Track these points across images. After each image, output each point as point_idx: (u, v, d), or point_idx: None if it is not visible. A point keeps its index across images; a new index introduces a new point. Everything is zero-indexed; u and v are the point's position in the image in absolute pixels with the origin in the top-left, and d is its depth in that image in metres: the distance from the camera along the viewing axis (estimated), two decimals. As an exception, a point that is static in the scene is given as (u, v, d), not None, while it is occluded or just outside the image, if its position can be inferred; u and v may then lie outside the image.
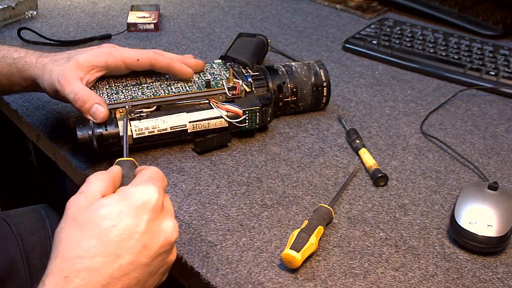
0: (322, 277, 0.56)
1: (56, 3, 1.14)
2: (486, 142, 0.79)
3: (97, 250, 0.46)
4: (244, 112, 0.72)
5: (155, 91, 0.71)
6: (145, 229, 0.48)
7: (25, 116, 0.79)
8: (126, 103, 0.68)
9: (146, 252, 0.48)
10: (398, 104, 0.86)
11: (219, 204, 0.65)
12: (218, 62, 0.79)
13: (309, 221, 0.60)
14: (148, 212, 0.48)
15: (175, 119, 0.70)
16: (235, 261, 0.58)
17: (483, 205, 0.61)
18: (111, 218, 0.47)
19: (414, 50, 0.98)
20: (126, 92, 0.71)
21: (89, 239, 0.46)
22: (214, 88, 0.73)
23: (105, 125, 0.66)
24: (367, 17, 1.16)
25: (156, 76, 0.74)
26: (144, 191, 0.49)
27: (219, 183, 0.68)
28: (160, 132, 0.69)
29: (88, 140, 0.66)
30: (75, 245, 0.46)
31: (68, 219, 0.48)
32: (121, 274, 0.46)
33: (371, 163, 0.71)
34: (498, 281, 0.57)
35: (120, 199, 0.48)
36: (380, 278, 0.57)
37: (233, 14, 1.14)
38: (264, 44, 0.91)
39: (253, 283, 0.55)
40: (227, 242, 0.60)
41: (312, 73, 0.80)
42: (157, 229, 0.49)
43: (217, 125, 0.72)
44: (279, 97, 0.78)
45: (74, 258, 0.46)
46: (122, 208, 0.48)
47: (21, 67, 0.70)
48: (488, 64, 0.94)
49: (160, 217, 0.49)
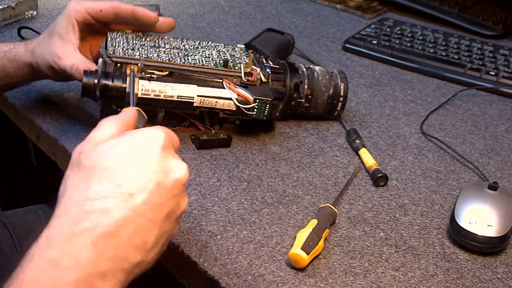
0: (323, 274, 0.56)
1: (56, 3, 1.14)
2: (486, 142, 0.79)
3: (108, 192, 0.43)
4: (255, 100, 0.70)
5: (171, 57, 0.70)
6: (157, 168, 0.45)
7: (25, 116, 0.79)
8: (139, 61, 0.68)
9: (160, 191, 0.45)
10: (398, 104, 0.86)
11: (220, 197, 0.65)
12: (240, 47, 0.78)
13: (318, 221, 0.59)
14: (158, 152, 0.46)
15: (184, 88, 0.68)
16: (235, 252, 0.57)
17: (483, 205, 0.61)
18: (121, 159, 0.45)
19: (414, 50, 0.99)
20: (142, 51, 0.70)
21: (99, 182, 0.44)
22: (230, 69, 0.71)
23: (113, 78, 0.65)
24: (367, 17, 1.16)
25: (175, 44, 0.74)
26: (152, 132, 0.47)
27: (220, 177, 0.68)
28: (166, 98, 0.68)
29: (92, 88, 0.65)
30: (83, 189, 0.44)
31: (73, 166, 0.46)
32: (134, 215, 0.44)
33: (371, 163, 0.71)
34: (498, 281, 0.57)
35: (128, 140, 0.46)
36: (380, 277, 0.57)
37: (233, 14, 1.14)
38: (290, 43, 0.90)
39: (253, 274, 0.55)
40: (228, 233, 0.60)
41: (332, 84, 0.78)
42: (169, 168, 0.46)
43: (224, 106, 0.70)
44: (293, 96, 0.76)
45: (83, 201, 0.43)
46: (132, 149, 0.46)
47: (12, 58, 0.72)
48: (488, 64, 0.94)
49: (171, 157, 0.47)
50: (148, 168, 0.45)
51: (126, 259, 0.44)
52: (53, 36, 0.69)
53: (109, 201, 0.43)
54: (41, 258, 0.42)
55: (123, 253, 0.43)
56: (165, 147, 0.47)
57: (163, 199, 0.46)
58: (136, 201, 0.44)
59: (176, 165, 0.47)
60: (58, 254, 0.41)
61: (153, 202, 0.45)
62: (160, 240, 0.46)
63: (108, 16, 0.71)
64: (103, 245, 0.42)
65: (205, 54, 0.73)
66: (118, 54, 0.68)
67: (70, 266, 0.41)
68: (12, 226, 0.82)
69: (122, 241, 0.43)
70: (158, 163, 0.46)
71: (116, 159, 0.45)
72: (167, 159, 0.47)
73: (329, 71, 0.79)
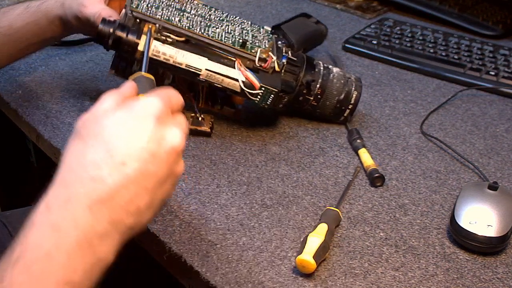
0: (322, 276, 0.56)
1: (56, 3, 1.14)
2: (486, 142, 0.79)
3: (102, 160, 0.45)
4: (261, 88, 0.70)
5: (192, 24, 0.70)
6: (151, 137, 0.46)
7: (25, 116, 0.79)
8: (159, 21, 0.68)
9: (153, 160, 0.46)
10: (398, 104, 0.86)
11: (219, 204, 0.65)
12: (266, 29, 0.77)
13: (328, 228, 0.59)
14: (152, 121, 0.47)
15: (194, 59, 0.68)
16: (235, 260, 0.57)
17: (483, 205, 0.61)
18: (116, 129, 0.46)
19: (414, 50, 0.98)
20: (165, 12, 0.70)
21: (94, 151, 0.45)
22: (247, 51, 0.70)
23: (128, 31, 0.66)
24: (367, 17, 1.16)
25: (202, 11, 0.74)
26: (147, 101, 0.48)
27: (219, 182, 0.68)
28: (174, 63, 0.68)
29: (106, 36, 0.66)
30: (80, 158, 0.46)
31: (74, 136, 0.48)
32: (128, 182, 0.45)
33: (369, 163, 0.71)
34: (498, 281, 0.57)
35: (123, 111, 0.48)
36: (380, 278, 0.57)
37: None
38: (322, 33, 0.89)
39: (253, 282, 0.55)
40: (227, 241, 0.60)
41: (345, 90, 0.77)
42: (162, 137, 0.47)
43: (230, 85, 0.70)
44: (303, 92, 0.75)
45: (78, 168, 0.45)
46: (126, 118, 0.47)
47: (44, 10, 0.75)
48: (488, 64, 0.94)
49: (166, 126, 0.48)
50: (141, 137, 0.46)
51: (122, 222, 0.45)
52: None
53: (103, 169, 0.45)
54: (42, 223, 0.43)
55: (118, 217, 0.45)
56: (159, 116, 0.48)
57: (157, 167, 0.47)
58: (129, 170, 0.45)
59: (171, 133, 0.48)
60: (58, 219, 0.43)
61: (146, 170, 0.46)
62: (154, 205, 0.48)
63: None
64: (98, 209, 0.44)
65: (227, 29, 0.72)
66: (141, 9, 0.68)
67: (70, 229, 0.43)
68: (12, 226, 0.82)
69: (117, 206, 0.45)
70: (151, 132, 0.47)
71: (111, 129, 0.46)
72: (161, 128, 0.47)
73: (347, 76, 0.79)
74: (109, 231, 0.45)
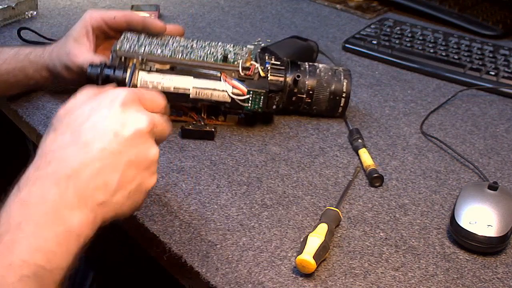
0: (322, 277, 0.56)
1: (56, 3, 1.14)
2: (486, 142, 0.79)
3: (68, 142, 0.49)
4: (249, 92, 0.73)
5: (173, 53, 0.74)
6: (114, 120, 0.50)
7: (25, 116, 0.79)
8: (142, 55, 0.72)
9: (116, 139, 0.49)
10: (398, 104, 0.86)
11: (219, 204, 0.65)
12: (250, 48, 0.79)
13: (328, 228, 0.59)
14: (117, 106, 0.50)
15: (180, 80, 0.72)
16: (235, 261, 0.58)
17: (483, 205, 0.61)
18: (83, 115, 0.50)
19: (414, 50, 0.98)
20: (147, 47, 0.74)
21: (63, 137, 0.49)
22: (229, 64, 0.74)
23: (114, 69, 0.71)
24: (367, 17, 1.16)
25: (184, 43, 0.76)
26: (114, 90, 0.52)
27: (219, 183, 0.68)
28: (163, 89, 0.71)
29: (95, 78, 0.70)
30: (50, 145, 0.49)
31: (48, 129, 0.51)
32: (93, 159, 0.48)
33: (368, 163, 0.71)
34: (498, 281, 0.57)
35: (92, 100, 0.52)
36: (380, 278, 0.57)
37: (233, 14, 1.14)
38: (312, 49, 0.92)
39: (253, 282, 0.55)
40: (227, 241, 0.60)
41: (335, 80, 0.78)
42: (127, 121, 0.50)
43: (220, 97, 0.73)
44: (294, 91, 0.77)
45: (48, 153, 0.49)
46: (94, 105, 0.51)
47: (32, 59, 0.78)
48: (488, 64, 0.94)
49: (130, 110, 0.51)
50: (106, 120, 0.50)
51: (91, 197, 0.48)
52: (69, 39, 0.76)
53: (68, 150, 0.48)
54: (13, 201, 0.47)
55: (85, 192, 0.48)
56: (124, 102, 0.51)
57: (122, 147, 0.49)
58: (93, 148, 0.48)
59: (136, 117, 0.51)
60: (26, 195, 0.47)
61: (111, 149, 0.49)
62: (124, 185, 0.50)
63: (121, 24, 0.78)
64: (64, 184, 0.47)
65: (209, 52, 0.75)
66: (124, 49, 0.73)
67: (37, 203, 0.46)
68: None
69: (83, 182, 0.48)
70: (116, 116, 0.50)
71: (79, 115, 0.50)
72: (126, 112, 0.50)
73: (334, 68, 0.80)
74: (77, 204, 0.47)
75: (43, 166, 0.48)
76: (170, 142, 0.74)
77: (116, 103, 0.50)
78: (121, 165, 0.49)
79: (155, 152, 0.52)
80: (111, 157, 0.49)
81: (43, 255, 0.45)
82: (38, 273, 0.44)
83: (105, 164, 0.49)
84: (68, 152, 0.48)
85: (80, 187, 0.47)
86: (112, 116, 0.50)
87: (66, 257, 0.46)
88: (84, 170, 0.48)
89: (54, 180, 0.47)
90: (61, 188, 0.47)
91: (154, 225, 0.61)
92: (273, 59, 0.77)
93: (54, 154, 0.48)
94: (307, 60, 0.91)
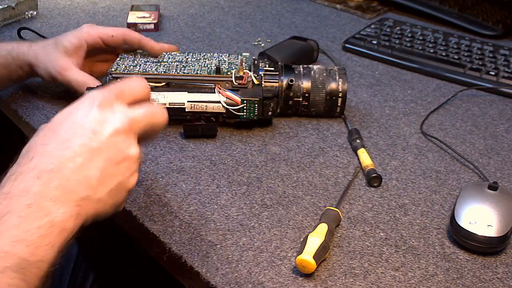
0: (322, 277, 0.56)
1: (56, 3, 1.14)
2: (486, 142, 0.79)
3: (49, 140, 0.50)
4: (242, 102, 0.73)
5: (167, 69, 0.76)
6: (92, 119, 0.51)
7: (25, 116, 0.79)
8: (136, 74, 0.73)
9: (95, 137, 0.51)
10: (398, 104, 0.86)
11: (219, 204, 0.65)
12: (245, 55, 0.80)
13: (328, 228, 0.59)
14: (95, 107, 0.52)
15: (175, 96, 0.73)
16: (235, 261, 0.58)
17: (483, 205, 0.61)
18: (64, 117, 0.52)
19: (414, 50, 0.98)
20: (142, 66, 0.76)
21: (44, 135, 0.51)
22: (222, 75, 0.74)
23: None
24: (367, 17, 1.16)
25: (179, 58, 0.79)
26: (92, 93, 0.54)
27: (219, 183, 0.68)
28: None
29: None
30: (32, 143, 0.51)
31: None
32: (72, 155, 0.49)
33: (367, 163, 0.71)
34: (498, 281, 0.57)
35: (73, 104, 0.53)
36: (380, 278, 0.57)
37: (233, 14, 1.14)
38: (312, 49, 0.92)
39: (253, 282, 0.55)
40: (227, 242, 0.60)
41: (330, 80, 0.78)
42: (104, 120, 0.52)
43: (215, 109, 0.74)
44: (290, 95, 0.78)
45: (29, 150, 0.50)
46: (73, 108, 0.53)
47: (15, 56, 0.78)
48: (488, 64, 0.94)
49: (108, 110, 0.52)
50: (84, 119, 0.51)
51: (73, 192, 0.49)
52: (59, 48, 0.77)
53: (49, 146, 0.50)
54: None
55: (69, 186, 0.49)
56: (102, 103, 0.52)
57: (100, 145, 0.51)
58: (73, 144, 0.50)
59: (113, 117, 0.52)
60: (10, 189, 0.48)
61: (91, 146, 0.50)
62: (105, 181, 0.51)
63: (118, 42, 0.80)
64: (47, 178, 0.48)
65: (203, 64, 0.77)
66: (119, 70, 0.75)
67: (20, 195, 0.47)
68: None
69: (64, 175, 0.49)
70: (94, 116, 0.52)
71: (61, 117, 0.52)
72: (104, 112, 0.52)
73: (328, 68, 0.80)
74: (60, 198, 0.48)
75: (25, 162, 0.49)
76: (170, 142, 0.74)
77: (94, 104, 0.52)
78: (100, 161, 0.51)
79: (134, 151, 0.53)
80: (91, 153, 0.50)
81: (26, 247, 0.45)
82: (21, 265, 0.45)
83: (86, 159, 0.50)
84: (49, 148, 0.50)
85: (63, 180, 0.48)
86: (91, 116, 0.51)
87: (50, 250, 0.46)
88: (66, 164, 0.49)
89: (37, 173, 0.48)
90: (44, 180, 0.48)
91: (154, 225, 0.61)
92: (267, 65, 0.78)
93: (36, 150, 0.50)
94: (308, 60, 0.91)
